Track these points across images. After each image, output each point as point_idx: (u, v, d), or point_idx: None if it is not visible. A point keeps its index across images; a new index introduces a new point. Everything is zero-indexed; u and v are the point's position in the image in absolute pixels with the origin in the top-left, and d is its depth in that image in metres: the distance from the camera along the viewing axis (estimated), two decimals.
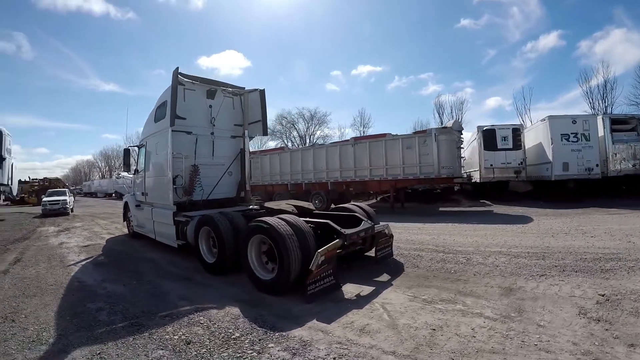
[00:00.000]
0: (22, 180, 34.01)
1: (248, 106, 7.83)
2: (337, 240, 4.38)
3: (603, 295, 3.66)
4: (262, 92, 7.74)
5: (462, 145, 12.87)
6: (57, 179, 35.48)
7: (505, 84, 55.96)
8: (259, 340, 3.10)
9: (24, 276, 5.52)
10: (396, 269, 5.14)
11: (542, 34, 55.07)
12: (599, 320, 3.11)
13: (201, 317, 3.64)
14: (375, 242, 5.46)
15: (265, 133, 8.04)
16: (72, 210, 19.98)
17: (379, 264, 5.32)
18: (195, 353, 2.92)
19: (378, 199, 17.61)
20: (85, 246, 8.33)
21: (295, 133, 38.84)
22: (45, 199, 19.42)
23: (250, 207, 7.30)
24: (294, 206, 6.22)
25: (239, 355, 2.86)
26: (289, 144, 37.23)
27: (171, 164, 6.59)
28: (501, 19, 56.03)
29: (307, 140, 37.90)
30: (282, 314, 3.67)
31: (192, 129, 7.08)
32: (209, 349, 2.99)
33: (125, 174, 32.69)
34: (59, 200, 18.57)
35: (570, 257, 5.27)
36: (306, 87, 72.07)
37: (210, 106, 7.35)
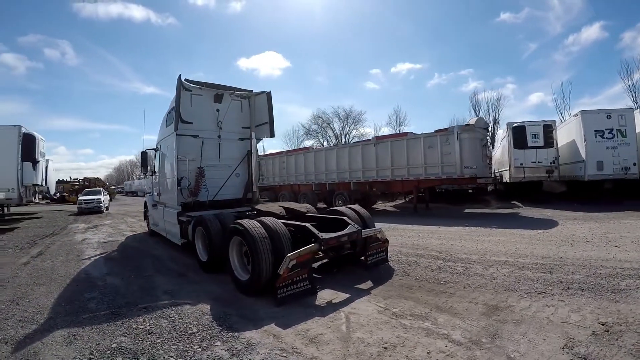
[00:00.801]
0: (64, 180, 36.12)
1: (255, 109, 7.82)
2: (313, 244, 4.18)
3: (604, 324, 2.98)
4: (268, 95, 7.72)
5: (488, 144, 11.77)
6: (97, 179, 36.39)
7: (548, 79, 51.07)
8: (210, 337, 3.09)
9: (41, 267, 6.02)
10: (383, 276, 4.79)
11: (584, 26, 50.17)
12: (584, 359, 2.50)
13: (172, 311, 3.73)
14: (367, 246, 5.05)
15: (272, 135, 7.91)
16: (107, 209, 20.68)
17: (368, 270, 4.98)
18: (150, 342, 3.01)
19: (407, 199, 16.87)
20: (105, 242, 8.76)
21: (330, 132, 38.83)
22: (80, 198, 20.05)
23: (249, 208, 7.18)
24: (285, 208, 6.00)
25: (185, 349, 2.88)
26: (325, 144, 36.85)
27: (176, 166, 6.82)
28: (541, 11, 51.00)
29: (343, 140, 37.18)
30: (248, 314, 3.61)
31: (199, 133, 7.21)
32: (163, 340, 3.05)
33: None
34: (94, 199, 19.15)
35: (582, 271, 4.48)
36: (345, 86, 70.34)
37: (218, 110, 7.46)
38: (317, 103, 79.18)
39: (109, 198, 24.92)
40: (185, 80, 6.93)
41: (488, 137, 12.12)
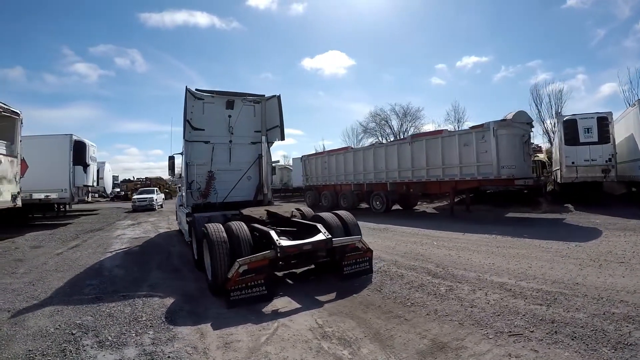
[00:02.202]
0: (128, 179, 41.36)
1: (266, 113, 8.24)
2: (268, 251, 4.31)
3: None
4: (279, 98, 8.07)
5: (530, 140, 10.77)
6: (158, 178, 38.93)
7: (620, 68, 44.38)
8: (149, 326, 3.53)
9: (68, 258, 7.06)
10: (353, 289, 4.60)
11: None
12: None
13: (140, 301, 4.28)
14: (343, 256, 4.97)
15: (282, 138, 8.29)
16: (160, 207, 22.18)
17: (344, 280, 4.85)
18: (104, 323, 3.61)
19: (456, 199, 16.17)
20: (136, 238, 9.68)
21: (388, 130, 38.63)
22: (135, 196, 21.95)
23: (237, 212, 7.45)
24: (269, 212, 6.17)
25: (123, 333, 3.41)
26: (384, 142, 36.43)
27: (185, 170, 7.60)
28: None
29: (401, 137, 36.69)
30: (199, 312, 3.96)
31: (210, 139, 7.87)
32: (115, 323, 3.63)
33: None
34: (146, 198, 21.02)
35: (592, 307, 3.54)
36: (410, 82, 69.37)
37: (230, 116, 8.02)
38: (382, 101, 79.70)
39: (163, 197, 26.54)
40: (197, 89, 7.58)
41: (531, 133, 11.05)
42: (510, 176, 10.56)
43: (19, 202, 8.68)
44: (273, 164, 30.77)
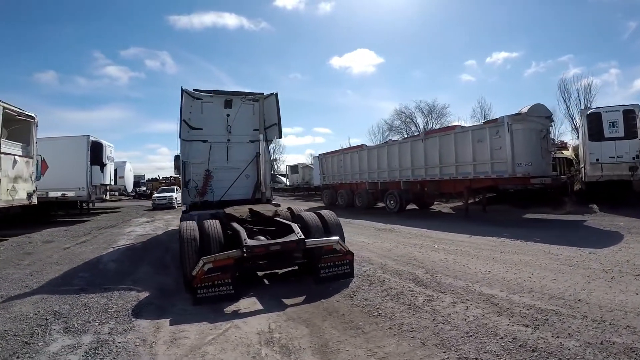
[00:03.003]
0: (153, 178, 43.97)
1: (264, 111, 8.47)
2: (234, 250, 4.48)
3: None
4: (276, 96, 8.28)
5: (549, 136, 10.27)
6: None
7: None
8: (114, 317, 3.90)
9: (73, 252, 7.63)
10: (323, 294, 4.56)
11: None
12: None
13: (118, 294, 4.67)
14: (319, 258, 4.95)
15: (280, 136, 8.59)
16: (180, 205, 24.50)
17: (319, 284, 4.84)
18: (77, 312, 4.04)
19: (476, 199, 15.79)
20: (143, 235, 10.20)
21: (414, 128, 38.55)
22: (155, 195, 22.95)
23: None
24: (252, 211, 6.30)
25: (89, 321, 3.77)
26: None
27: (183, 169, 7.97)
28: None
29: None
30: (165, 307, 4.25)
31: (208, 138, 8.23)
32: (86, 311, 4.06)
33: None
34: (166, 196, 21.89)
35: (588, 332, 3.12)
36: (440, 79, 69.61)
37: (228, 115, 8.35)
38: (411, 99, 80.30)
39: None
40: (195, 90, 7.97)
41: (550, 128, 10.51)
42: (525, 174, 10.15)
43: (34, 200, 9.67)
44: (296, 163, 31.47)
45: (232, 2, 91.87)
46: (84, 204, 16.10)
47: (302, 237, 4.79)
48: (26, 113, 9.23)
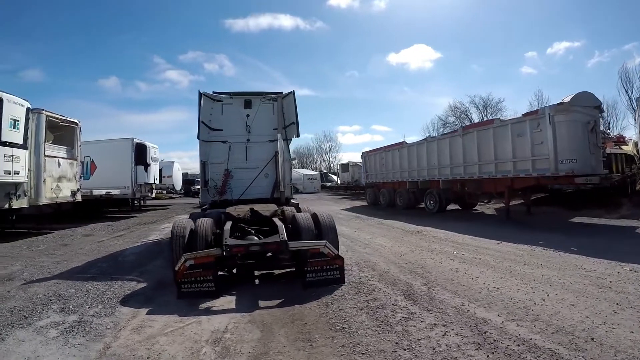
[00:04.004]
0: None
1: (283, 110, 8.82)
2: (214, 248, 4.80)
3: None
4: (294, 94, 8.63)
5: (599, 128, 9.11)
6: None
7: None
8: (104, 302, 4.50)
9: (103, 245, 8.60)
10: (301, 299, 4.56)
11: None
12: None
13: (120, 282, 5.33)
14: (306, 262, 4.99)
15: (297, 135, 8.84)
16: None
17: (307, 288, 4.86)
18: (79, 295, 4.77)
19: (530, 198, 14.60)
20: None
21: (468, 123, 37.78)
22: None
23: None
24: (252, 211, 6.47)
25: (81, 304, 4.40)
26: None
27: (202, 169, 8.59)
28: None
29: None
30: (154, 298, 4.74)
31: (228, 138, 8.70)
32: (86, 296, 4.71)
33: (298, 170, 39.99)
34: None
35: None
36: (500, 73, 68.24)
37: (248, 115, 8.80)
38: (470, 93, 78.03)
39: None
40: (214, 92, 8.67)
41: (600, 119, 9.28)
42: (569, 172, 9.23)
43: (78, 197, 11.22)
44: (347, 162, 31.79)
45: (286, 3, 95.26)
46: (135, 201, 17.96)
47: (285, 238, 4.89)
48: (69, 119, 10.77)
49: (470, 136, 12.51)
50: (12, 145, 7.85)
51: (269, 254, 5.62)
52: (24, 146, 8.23)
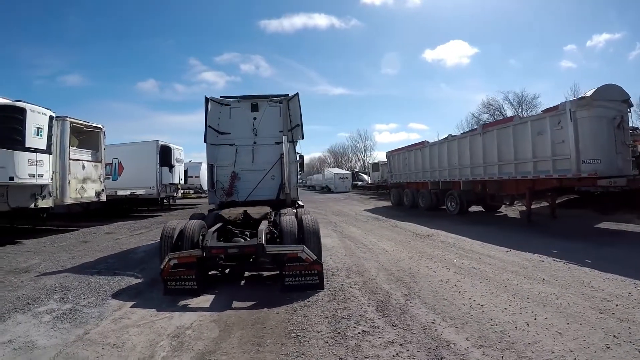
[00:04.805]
0: None
1: (290, 112, 9.11)
2: (196, 249, 5.16)
3: None
4: (298, 97, 8.91)
5: (626, 124, 8.45)
6: None
7: None
8: (98, 294, 5.14)
9: (120, 242, 9.45)
10: (273, 302, 4.70)
11: None
12: None
13: (119, 277, 5.93)
14: (284, 266, 5.15)
15: (301, 137, 9.17)
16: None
17: (284, 292, 5.02)
18: (79, 287, 5.40)
19: (557, 201, 13.84)
20: None
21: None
22: None
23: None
24: (245, 213, 6.69)
25: (78, 295, 5.01)
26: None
27: (210, 171, 9.10)
28: None
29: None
30: (144, 293, 5.26)
31: (235, 141, 9.16)
32: (85, 288, 5.34)
33: (330, 170, 40.70)
34: None
35: None
36: (538, 67, 66.41)
37: (255, 118, 9.21)
38: (507, 89, 75.45)
39: None
40: (222, 97, 9.16)
41: (628, 114, 8.55)
42: (592, 174, 8.76)
43: (103, 198, 12.31)
44: (377, 161, 31.80)
45: (321, 2, 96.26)
46: (164, 201, 19.16)
47: (262, 242, 5.07)
48: (93, 125, 11.87)
49: (490, 135, 12.20)
50: (37, 150, 8.90)
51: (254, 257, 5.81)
52: (47, 151, 9.31)
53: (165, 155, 17.19)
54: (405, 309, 4.42)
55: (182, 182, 19.49)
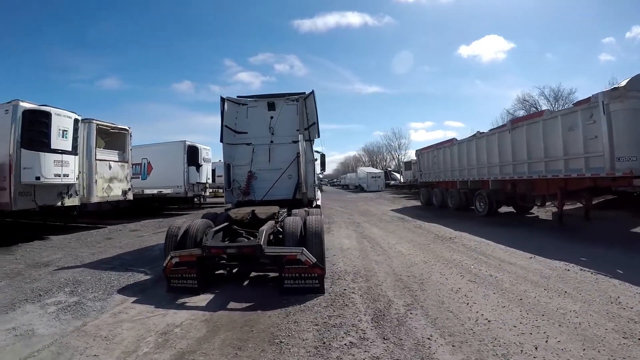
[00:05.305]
0: None
1: (306, 111, 9.03)
2: (195, 248, 5.26)
3: None
4: (313, 94, 8.85)
5: None
6: None
7: None
8: (106, 288, 5.42)
9: (142, 240, 9.84)
10: (269, 305, 4.63)
11: None
12: None
13: (129, 274, 6.20)
14: (283, 268, 5.10)
15: (317, 135, 9.14)
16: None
17: (283, 295, 4.96)
18: (90, 281, 5.73)
19: (593, 202, 12.70)
20: None
21: None
22: None
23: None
24: (253, 213, 6.71)
25: (88, 289, 5.28)
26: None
27: (227, 171, 9.22)
28: None
29: None
30: (148, 288, 5.47)
31: (252, 140, 9.27)
32: (96, 283, 5.64)
33: (362, 169, 40.81)
34: None
35: None
36: (576, 60, 62.78)
37: (272, 117, 9.28)
38: (544, 84, 72.46)
39: None
40: (239, 96, 9.32)
41: None
42: (627, 172, 8.09)
43: (129, 196, 12.94)
44: (410, 160, 31.17)
45: (353, 0, 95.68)
46: (194, 199, 19.84)
47: (260, 243, 5.03)
48: (119, 126, 12.52)
49: (519, 131, 11.54)
50: (62, 152, 9.53)
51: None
52: (73, 152, 9.96)
53: (192, 155, 17.77)
54: (402, 321, 4.10)
55: (209, 181, 20.06)
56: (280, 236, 5.94)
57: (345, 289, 5.26)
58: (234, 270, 6.15)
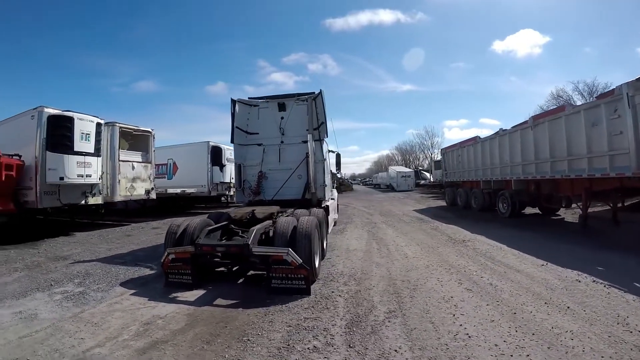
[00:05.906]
0: None
1: (316, 111, 9.12)
2: (189, 246, 5.51)
3: None
4: (322, 94, 8.93)
5: None
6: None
7: None
8: (110, 281, 5.83)
9: (161, 237, 9.93)
10: (256, 303, 4.74)
11: None
12: None
13: (137, 268, 6.58)
14: (270, 267, 5.19)
15: (326, 135, 9.20)
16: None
17: (269, 294, 5.02)
18: (99, 274, 6.15)
19: (617, 204, 11.50)
20: None
21: None
22: None
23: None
24: (253, 212, 6.86)
25: (94, 281, 5.75)
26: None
27: (238, 171, 9.49)
28: None
29: None
30: (148, 282, 5.82)
31: (262, 141, 9.49)
32: (104, 275, 6.10)
33: (393, 168, 40.40)
34: None
35: None
36: (615, 53, 59.82)
37: (282, 117, 9.48)
38: (582, 79, 68.56)
39: None
40: (250, 98, 9.64)
41: None
42: None
43: (152, 195, 13.65)
44: (439, 159, 30.41)
45: None
46: (222, 198, 20.63)
47: (247, 242, 5.17)
48: (142, 129, 13.25)
49: (541, 127, 10.92)
50: (86, 154, 10.33)
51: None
52: (95, 154, 10.76)
53: (216, 155, 18.40)
54: (376, 329, 3.93)
55: (233, 180, 20.67)
56: (271, 236, 6.05)
57: (333, 292, 5.21)
58: (234, 269, 6.31)
